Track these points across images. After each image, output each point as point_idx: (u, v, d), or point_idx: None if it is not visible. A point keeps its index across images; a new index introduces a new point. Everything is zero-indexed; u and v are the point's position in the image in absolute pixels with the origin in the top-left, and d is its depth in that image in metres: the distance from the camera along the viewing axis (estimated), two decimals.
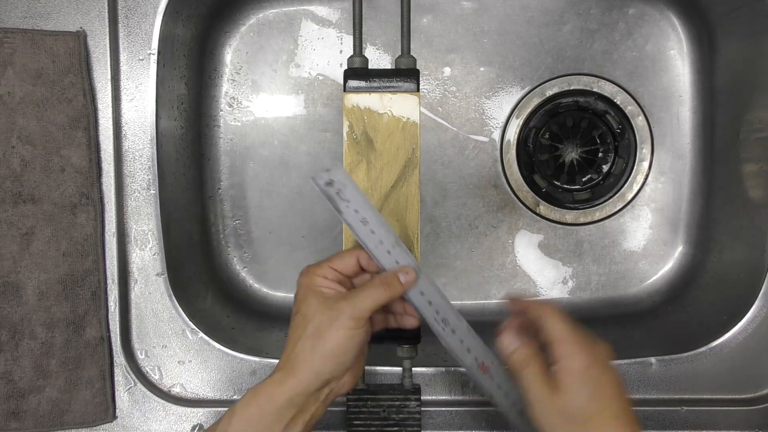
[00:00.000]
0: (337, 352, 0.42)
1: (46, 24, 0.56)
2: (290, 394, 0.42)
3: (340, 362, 0.42)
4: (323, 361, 0.42)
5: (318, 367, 0.42)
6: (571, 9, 0.69)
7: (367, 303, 0.42)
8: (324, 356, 0.42)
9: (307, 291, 0.44)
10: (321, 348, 0.42)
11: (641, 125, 0.70)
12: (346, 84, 0.53)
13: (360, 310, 0.42)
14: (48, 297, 0.56)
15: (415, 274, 0.44)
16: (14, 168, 0.56)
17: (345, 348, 0.42)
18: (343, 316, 0.42)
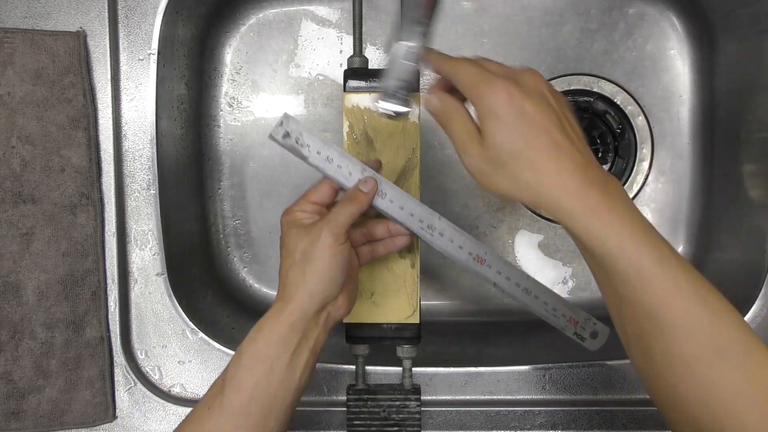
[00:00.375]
0: (325, 270, 0.44)
1: (46, 24, 0.56)
2: (290, 320, 0.43)
3: (330, 279, 0.44)
4: (315, 281, 0.44)
5: (311, 287, 0.44)
6: (571, 9, 0.69)
7: (341, 218, 0.44)
8: (314, 276, 0.44)
9: (288, 226, 0.46)
10: (310, 269, 0.44)
11: (641, 125, 0.70)
12: (346, 84, 0.53)
13: (337, 225, 0.44)
14: (48, 297, 0.56)
15: (374, 182, 0.46)
16: (14, 168, 0.56)
17: (331, 264, 0.44)
18: (323, 235, 0.43)
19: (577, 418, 0.59)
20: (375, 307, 0.54)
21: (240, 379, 0.43)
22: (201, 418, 0.43)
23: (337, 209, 0.45)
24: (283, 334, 0.43)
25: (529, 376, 0.60)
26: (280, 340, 0.43)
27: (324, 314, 0.45)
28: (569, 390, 0.60)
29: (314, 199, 0.47)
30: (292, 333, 0.43)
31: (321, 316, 0.45)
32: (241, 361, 0.44)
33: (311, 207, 0.47)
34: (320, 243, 0.44)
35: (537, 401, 0.60)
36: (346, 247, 0.44)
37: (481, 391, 0.60)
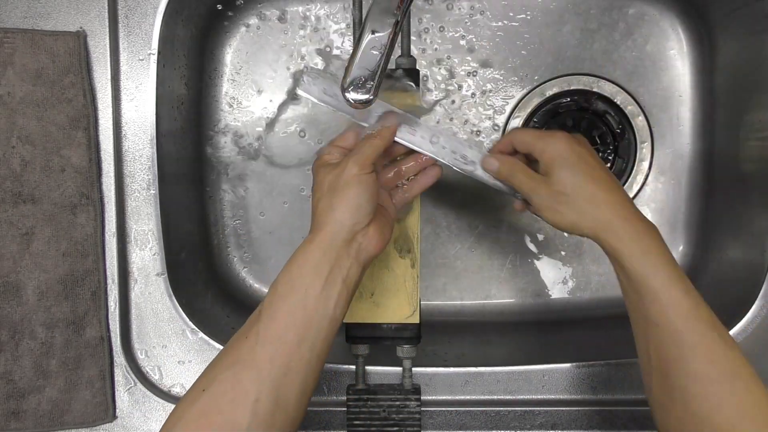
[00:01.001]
0: (352, 197, 0.45)
1: (46, 24, 0.56)
2: (322, 247, 0.45)
3: (357, 206, 0.45)
4: (342, 208, 0.45)
5: (339, 215, 0.45)
6: (571, 9, 0.69)
7: (366, 149, 0.46)
8: (341, 203, 0.45)
9: (318, 166, 0.48)
10: (337, 198, 0.45)
11: (641, 125, 0.70)
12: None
13: (362, 156, 0.46)
14: (48, 297, 0.56)
15: (394, 116, 0.50)
16: (14, 168, 0.56)
17: (358, 192, 0.45)
18: (348, 166, 0.45)
19: (577, 418, 0.59)
20: (375, 307, 0.54)
21: (275, 307, 0.44)
22: (238, 347, 0.43)
23: (362, 143, 0.48)
24: (316, 262, 0.44)
25: (529, 376, 0.60)
26: (313, 268, 0.44)
27: (355, 245, 0.46)
28: (569, 390, 0.60)
29: (341, 144, 0.49)
30: (324, 261, 0.44)
31: (352, 246, 0.45)
32: (277, 289, 0.44)
33: (339, 151, 0.49)
34: (346, 172, 0.45)
35: (537, 401, 0.60)
36: (372, 177, 0.46)
37: (481, 391, 0.60)
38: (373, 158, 0.46)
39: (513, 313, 0.72)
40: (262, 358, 0.42)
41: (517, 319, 0.72)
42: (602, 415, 0.59)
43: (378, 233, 0.47)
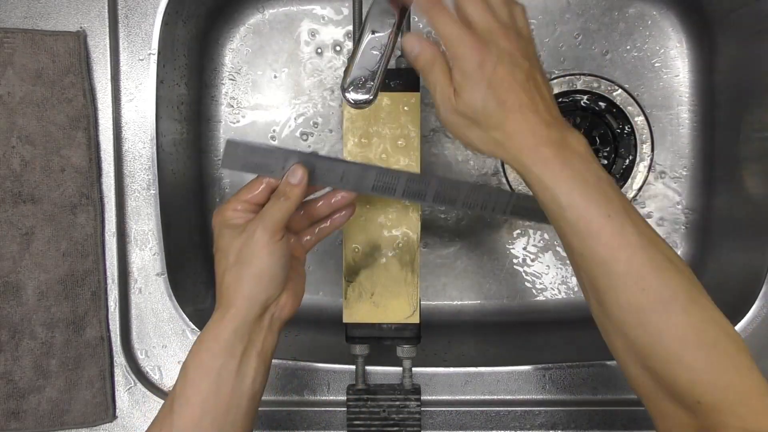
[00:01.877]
0: (262, 272, 0.42)
1: (46, 24, 0.56)
2: (232, 326, 0.42)
3: (269, 280, 0.42)
4: (252, 284, 0.42)
5: (249, 291, 0.42)
6: (571, 9, 0.69)
7: (275, 214, 0.42)
8: (251, 279, 0.42)
9: (220, 227, 0.44)
10: (246, 272, 0.42)
11: (641, 125, 0.70)
12: None
13: (271, 222, 0.42)
14: (48, 297, 0.56)
15: (302, 170, 0.44)
16: (14, 168, 0.56)
17: (269, 265, 0.42)
18: (257, 234, 0.42)
19: (577, 418, 0.59)
20: (375, 307, 0.54)
21: (188, 394, 0.42)
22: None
23: (270, 204, 0.43)
24: (227, 343, 0.42)
25: (529, 376, 0.60)
26: (225, 348, 0.42)
27: (268, 316, 0.44)
28: (569, 390, 0.60)
29: (246, 198, 0.44)
30: (236, 340, 0.42)
31: (265, 318, 0.43)
32: (188, 375, 0.42)
33: (243, 206, 0.44)
34: (254, 242, 0.42)
35: (537, 401, 0.60)
36: (284, 244, 0.43)
37: (481, 391, 0.60)
38: (284, 222, 0.43)
39: (513, 313, 0.72)
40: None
41: (517, 319, 0.72)
42: (602, 415, 0.59)
43: (292, 297, 0.45)
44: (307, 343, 0.67)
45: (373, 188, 0.47)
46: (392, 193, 0.47)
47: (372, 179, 0.47)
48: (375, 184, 0.47)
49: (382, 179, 0.47)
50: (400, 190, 0.47)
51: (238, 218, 0.44)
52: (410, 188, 0.47)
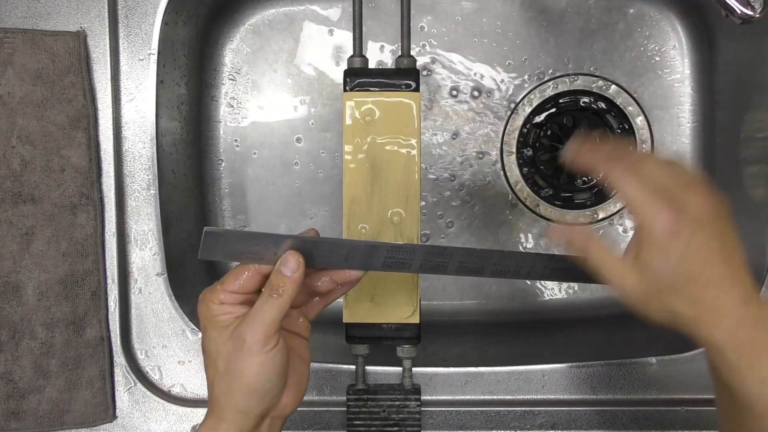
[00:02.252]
0: (256, 384, 0.38)
1: (46, 24, 0.56)
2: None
3: (264, 392, 0.39)
4: (246, 398, 0.38)
5: (242, 405, 0.38)
6: (571, 9, 0.69)
7: (266, 317, 0.37)
8: (244, 392, 0.38)
9: (206, 323, 0.39)
10: (237, 384, 0.38)
11: (641, 125, 0.70)
12: (346, 84, 0.53)
13: (263, 327, 0.37)
14: (48, 297, 0.56)
15: (296, 259, 0.38)
16: (14, 168, 0.56)
17: (263, 375, 0.38)
18: (247, 343, 0.37)
19: (577, 418, 0.59)
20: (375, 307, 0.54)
21: None
22: None
23: (260, 305, 0.38)
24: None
25: (529, 376, 0.60)
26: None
27: (267, 422, 0.40)
28: (569, 390, 0.60)
29: (232, 288, 0.39)
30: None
31: (263, 425, 0.40)
32: None
33: (231, 297, 0.39)
34: (244, 353, 0.37)
35: (537, 401, 0.60)
36: (279, 349, 0.38)
37: (481, 391, 0.60)
38: (278, 323, 0.37)
39: (513, 313, 0.72)
40: None
41: (516, 319, 0.72)
42: (602, 415, 0.59)
43: (293, 396, 0.41)
44: None
45: (384, 265, 0.42)
46: (407, 268, 0.42)
47: (382, 256, 0.42)
48: (386, 261, 0.42)
49: (394, 255, 0.42)
50: (416, 265, 0.42)
51: (224, 315, 0.39)
52: (429, 262, 0.42)
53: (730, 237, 0.38)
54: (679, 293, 0.37)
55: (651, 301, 0.38)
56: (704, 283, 0.36)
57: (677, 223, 0.36)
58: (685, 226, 0.36)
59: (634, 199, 0.37)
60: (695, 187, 0.38)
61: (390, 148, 0.53)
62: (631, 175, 0.38)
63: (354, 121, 0.53)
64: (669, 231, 0.36)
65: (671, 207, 0.36)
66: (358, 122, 0.53)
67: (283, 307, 0.38)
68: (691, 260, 0.36)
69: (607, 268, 0.38)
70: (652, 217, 0.36)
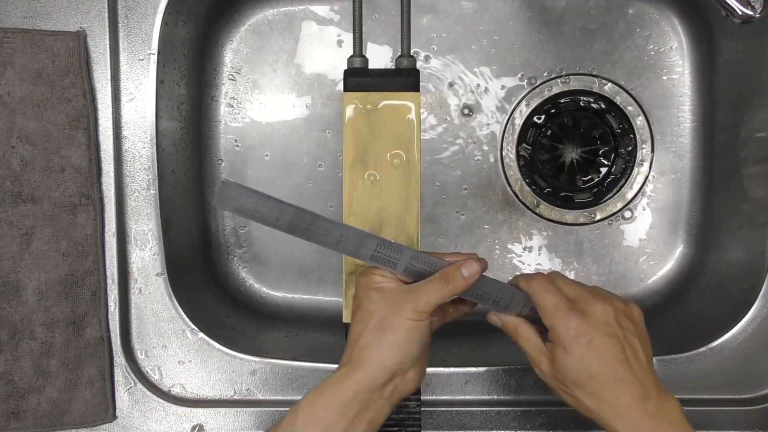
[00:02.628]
0: (402, 343, 0.42)
1: (46, 24, 0.56)
2: (356, 388, 0.42)
3: (405, 353, 0.43)
4: (389, 352, 0.42)
5: (384, 358, 0.42)
6: (571, 9, 0.69)
7: (431, 297, 0.43)
8: (389, 346, 0.42)
9: (367, 288, 0.45)
10: (386, 339, 0.42)
11: (641, 125, 0.70)
12: (346, 84, 0.53)
13: (424, 303, 0.43)
14: (48, 297, 0.56)
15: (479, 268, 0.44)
16: (14, 168, 0.56)
17: (409, 338, 0.42)
18: (407, 308, 0.42)
19: (577, 418, 0.59)
20: None
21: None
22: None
23: (431, 287, 0.44)
24: (345, 402, 0.42)
25: (529, 376, 0.60)
26: (340, 407, 0.42)
27: (391, 386, 0.43)
28: None
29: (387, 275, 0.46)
30: (353, 403, 0.42)
31: (387, 388, 0.43)
32: (297, 419, 0.42)
33: (391, 275, 0.46)
34: (402, 315, 0.42)
35: (537, 401, 0.60)
36: (428, 324, 0.43)
37: (481, 391, 0.60)
38: (435, 306, 0.43)
39: None
40: None
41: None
42: None
43: (417, 374, 0.45)
44: (307, 343, 0.67)
45: (372, 258, 0.46)
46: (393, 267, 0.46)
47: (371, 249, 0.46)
48: (374, 254, 0.46)
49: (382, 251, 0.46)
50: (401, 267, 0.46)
51: (386, 283, 0.45)
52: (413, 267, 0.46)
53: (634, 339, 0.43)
54: (582, 388, 0.42)
55: (560, 390, 0.44)
56: (604, 380, 0.42)
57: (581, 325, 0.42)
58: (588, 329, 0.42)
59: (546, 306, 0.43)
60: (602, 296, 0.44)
61: (390, 148, 0.53)
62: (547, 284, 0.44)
63: (354, 121, 0.53)
64: (573, 333, 0.42)
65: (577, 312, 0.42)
66: (358, 122, 0.53)
67: (446, 296, 0.44)
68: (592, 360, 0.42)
69: (530, 352, 0.45)
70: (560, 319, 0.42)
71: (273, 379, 0.60)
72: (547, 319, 0.43)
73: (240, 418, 0.59)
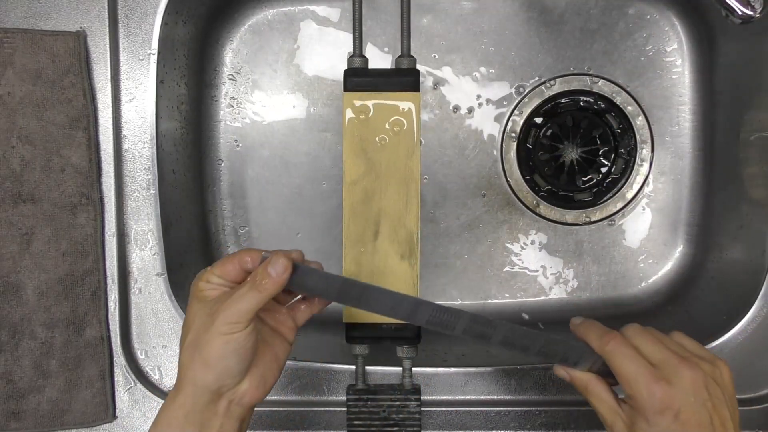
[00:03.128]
0: (216, 359, 0.39)
1: (46, 24, 0.56)
2: (183, 411, 0.40)
3: (221, 370, 0.40)
4: (202, 371, 0.40)
5: (198, 378, 0.40)
6: (571, 9, 0.69)
7: (242, 306, 0.39)
8: (202, 365, 0.39)
9: (192, 297, 0.42)
10: (199, 357, 0.39)
11: (641, 125, 0.70)
12: (346, 84, 0.53)
13: (235, 313, 0.39)
14: (48, 297, 0.56)
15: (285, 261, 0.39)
16: (14, 168, 0.56)
17: (224, 353, 0.39)
18: (218, 320, 0.39)
19: (577, 418, 0.59)
20: None
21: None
22: None
23: (240, 293, 0.39)
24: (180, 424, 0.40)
25: (529, 376, 0.60)
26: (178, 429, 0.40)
27: (224, 403, 0.41)
28: (569, 390, 0.60)
29: (218, 273, 0.42)
30: (188, 423, 0.40)
31: (220, 405, 0.41)
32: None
33: (217, 280, 0.42)
34: (213, 330, 0.39)
35: (537, 401, 0.60)
36: (245, 334, 0.39)
37: (481, 391, 0.60)
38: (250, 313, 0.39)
39: (513, 313, 0.72)
40: None
41: (517, 319, 0.72)
42: None
43: (256, 385, 0.41)
44: (307, 343, 0.67)
45: (428, 323, 0.43)
46: (451, 330, 0.44)
47: (427, 314, 0.43)
48: (430, 319, 0.43)
49: (439, 315, 0.43)
50: (460, 329, 0.44)
51: (209, 291, 0.41)
52: (471, 329, 0.44)
53: (723, 408, 0.40)
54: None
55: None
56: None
57: (666, 397, 0.38)
58: (675, 402, 0.38)
59: (627, 374, 0.40)
60: (689, 362, 0.40)
61: (390, 148, 0.53)
62: (626, 348, 0.40)
63: (354, 121, 0.53)
64: (659, 406, 0.38)
65: (662, 382, 0.39)
66: (358, 122, 0.53)
67: (260, 301, 0.39)
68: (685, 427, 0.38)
69: (604, 414, 0.42)
70: (644, 390, 0.39)
71: None
72: (628, 388, 0.40)
73: None
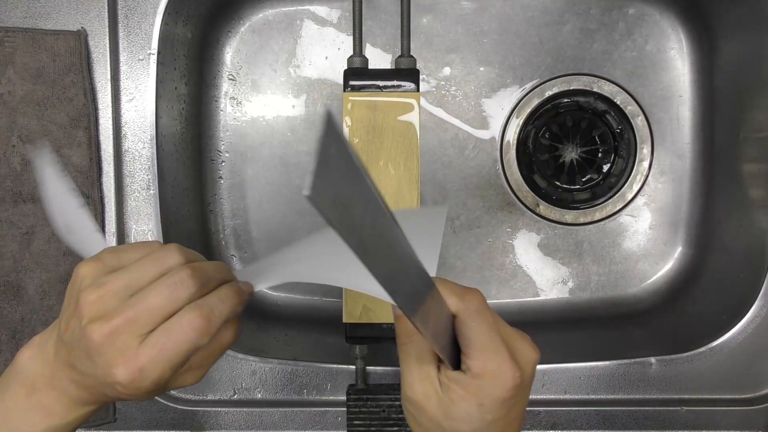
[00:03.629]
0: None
1: (46, 23, 0.56)
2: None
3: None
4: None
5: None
6: (571, 9, 0.69)
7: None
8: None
9: (80, 290, 0.38)
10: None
11: (641, 125, 0.70)
12: (346, 84, 0.53)
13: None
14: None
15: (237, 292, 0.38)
16: (14, 167, 0.56)
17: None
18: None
19: (577, 418, 0.59)
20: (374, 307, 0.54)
21: None
22: None
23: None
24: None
25: None
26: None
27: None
28: (569, 390, 0.60)
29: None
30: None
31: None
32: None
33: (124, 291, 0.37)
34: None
35: (537, 401, 0.60)
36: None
37: None
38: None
39: (513, 313, 0.72)
40: None
41: (516, 319, 0.72)
42: (602, 415, 0.59)
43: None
44: (307, 343, 0.67)
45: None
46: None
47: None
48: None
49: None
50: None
51: (105, 303, 0.36)
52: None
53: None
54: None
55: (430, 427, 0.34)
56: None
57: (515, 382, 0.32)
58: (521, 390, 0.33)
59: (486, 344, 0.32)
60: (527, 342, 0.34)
61: (390, 148, 0.53)
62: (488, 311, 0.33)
63: (354, 121, 0.53)
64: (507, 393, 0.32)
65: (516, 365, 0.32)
66: (358, 122, 0.53)
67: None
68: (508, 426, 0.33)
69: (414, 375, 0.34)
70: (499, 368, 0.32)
71: (273, 379, 0.60)
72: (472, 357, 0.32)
73: (240, 418, 0.59)
